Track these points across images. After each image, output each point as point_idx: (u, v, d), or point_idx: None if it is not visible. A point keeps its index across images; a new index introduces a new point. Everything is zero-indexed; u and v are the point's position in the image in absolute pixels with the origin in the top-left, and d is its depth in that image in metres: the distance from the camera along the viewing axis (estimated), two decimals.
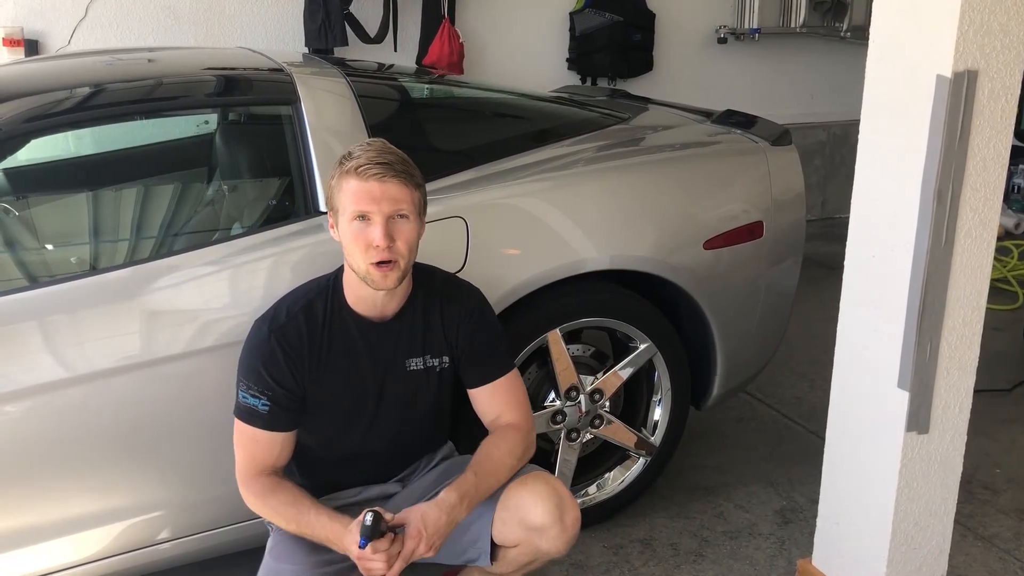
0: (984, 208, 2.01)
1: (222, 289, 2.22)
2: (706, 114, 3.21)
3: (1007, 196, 6.05)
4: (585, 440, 2.68)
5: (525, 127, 2.98)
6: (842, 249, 2.21)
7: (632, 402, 2.81)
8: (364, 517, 1.85)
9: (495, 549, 2.06)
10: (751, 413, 3.53)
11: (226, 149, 2.70)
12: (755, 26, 5.76)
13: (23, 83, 2.66)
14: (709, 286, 2.67)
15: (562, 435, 2.63)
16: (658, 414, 2.77)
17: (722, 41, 5.79)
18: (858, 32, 5.79)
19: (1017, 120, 2.06)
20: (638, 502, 2.84)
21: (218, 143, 2.70)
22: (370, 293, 2.01)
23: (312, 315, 2.03)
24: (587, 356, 2.72)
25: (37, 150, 2.59)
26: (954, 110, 1.90)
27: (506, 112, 3.18)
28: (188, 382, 2.19)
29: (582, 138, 2.79)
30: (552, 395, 2.62)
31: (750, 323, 2.82)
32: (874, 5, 2.05)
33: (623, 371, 2.67)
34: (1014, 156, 2.30)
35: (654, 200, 2.65)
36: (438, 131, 2.88)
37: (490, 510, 2.04)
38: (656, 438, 2.77)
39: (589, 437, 2.68)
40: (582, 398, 2.62)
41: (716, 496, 2.96)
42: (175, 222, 2.44)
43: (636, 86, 5.36)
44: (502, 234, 2.45)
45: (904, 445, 2.13)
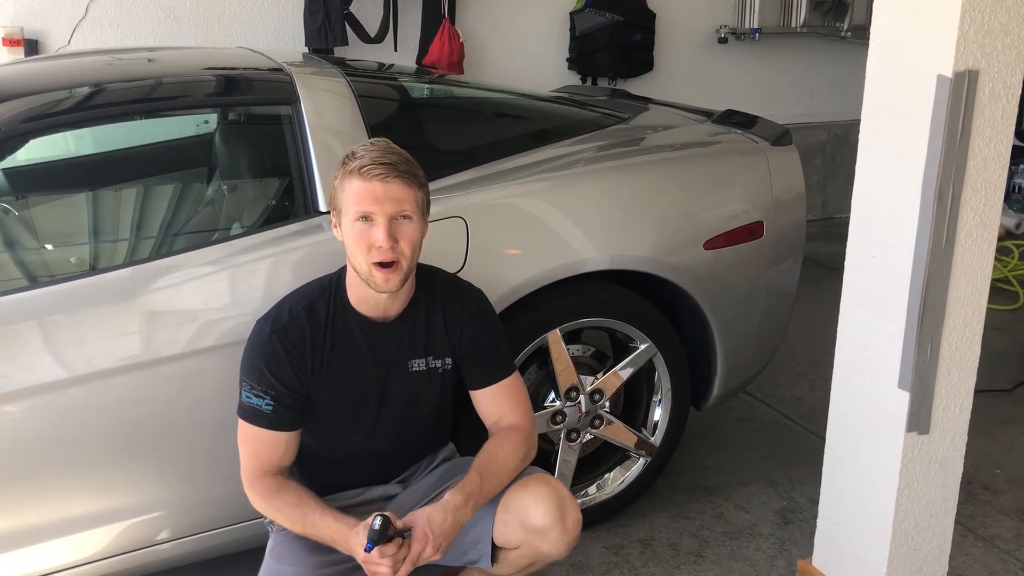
0: (985, 208, 2.01)
1: (222, 289, 2.22)
2: (706, 114, 3.20)
3: (1008, 196, 6.04)
4: (585, 440, 2.68)
5: (525, 127, 2.98)
6: (842, 249, 2.21)
7: (632, 402, 2.81)
8: (372, 521, 1.84)
9: (496, 551, 2.06)
10: (751, 413, 3.53)
11: (226, 149, 2.70)
12: (755, 26, 5.75)
13: (23, 83, 2.66)
14: (709, 286, 2.67)
15: (562, 435, 2.63)
16: (658, 414, 2.77)
17: (722, 41, 5.78)
18: (859, 32, 5.78)
19: (1018, 120, 2.05)
20: (638, 502, 2.84)
21: (218, 143, 2.70)
22: (373, 293, 2.00)
23: (315, 315, 2.03)
24: (587, 356, 2.72)
25: (37, 150, 2.58)
26: (955, 110, 1.90)
27: (506, 112, 3.17)
28: (188, 382, 2.19)
29: (582, 138, 2.79)
30: (552, 395, 2.62)
31: (750, 323, 2.82)
32: (874, 5, 2.04)
33: (623, 371, 2.67)
34: (1015, 156, 2.29)
35: (654, 200, 2.65)
36: (438, 131, 2.88)
37: (491, 512, 2.04)
38: (656, 438, 2.77)
39: (589, 437, 2.68)
40: (582, 398, 2.62)
41: (716, 496, 2.96)
42: (175, 222, 2.44)
43: (636, 86, 5.36)
44: (502, 234, 2.44)
45: (904, 445, 2.12)
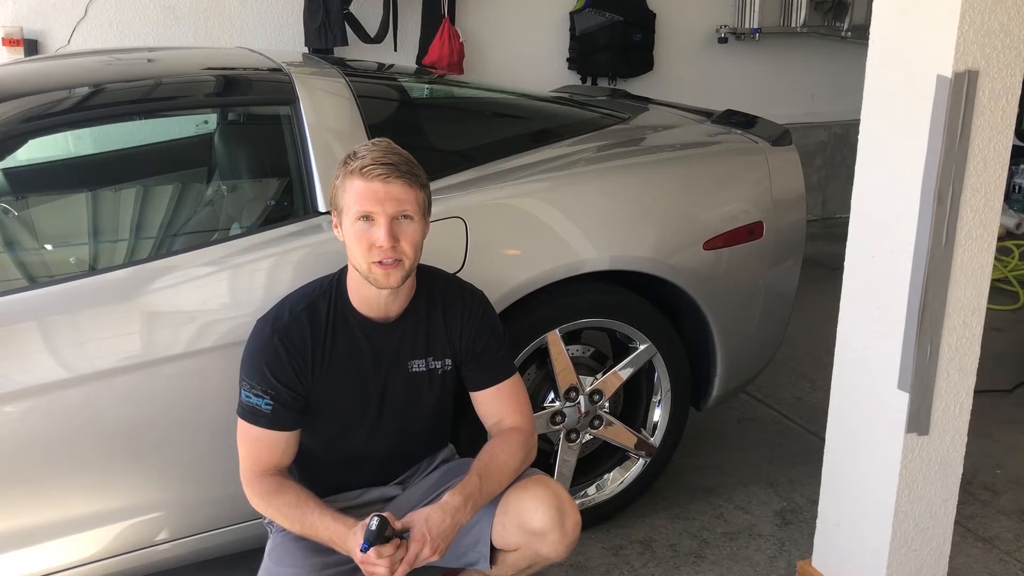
0: (984, 208, 2.01)
1: (221, 289, 2.22)
2: (706, 114, 3.20)
3: (1008, 196, 6.04)
4: (584, 441, 2.67)
5: (525, 127, 2.97)
6: (843, 249, 2.20)
7: (632, 403, 2.81)
8: (369, 521, 1.84)
9: (495, 553, 2.06)
10: (751, 413, 3.53)
11: (225, 149, 2.70)
12: (756, 26, 5.75)
13: (22, 83, 2.65)
14: (709, 286, 2.67)
15: (561, 436, 2.63)
16: (658, 415, 2.77)
17: (723, 41, 5.78)
18: (859, 32, 5.77)
19: (1017, 120, 2.05)
20: (638, 503, 2.84)
21: (217, 143, 2.70)
22: (374, 293, 2.00)
23: (315, 315, 2.02)
24: (587, 357, 2.72)
25: (36, 150, 2.58)
26: (954, 110, 1.90)
27: (506, 112, 3.17)
28: (188, 383, 2.19)
29: (582, 138, 2.79)
30: (551, 396, 2.61)
31: (750, 323, 2.82)
32: (874, 5, 2.04)
33: (623, 372, 2.66)
34: (1015, 156, 2.29)
35: (654, 200, 2.65)
36: (438, 131, 2.88)
37: (490, 513, 2.04)
38: (656, 439, 2.77)
39: (588, 438, 2.68)
40: (581, 399, 2.62)
41: (716, 497, 2.96)
42: (174, 222, 2.44)
43: (637, 86, 5.36)
44: (501, 234, 2.44)
45: (904, 446, 2.12)
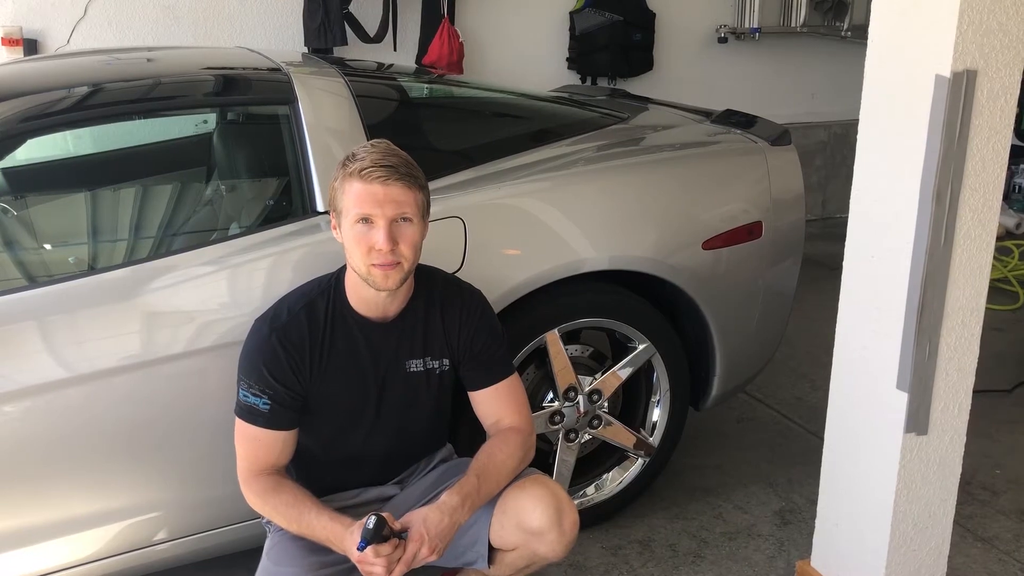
0: (983, 208, 2.01)
1: (220, 289, 2.22)
2: (706, 114, 3.20)
3: (1008, 195, 6.03)
4: (583, 441, 2.67)
5: (524, 127, 2.97)
6: (843, 249, 2.20)
7: (631, 403, 2.80)
8: (367, 520, 1.84)
9: (493, 552, 2.06)
10: (751, 413, 3.53)
11: (224, 149, 2.70)
12: (755, 25, 5.75)
13: (21, 82, 2.65)
14: (708, 286, 2.67)
15: (560, 436, 2.63)
16: (657, 415, 2.77)
17: (722, 41, 5.78)
18: (859, 31, 5.77)
19: (1017, 120, 2.05)
20: (637, 503, 2.83)
21: (216, 143, 2.69)
22: (372, 294, 2.00)
23: (314, 315, 2.02)
24: (586, 356, 2.72)
25: (35, 150, 2.58)
26: (953, 110, 1.89)
27: (505, 112, 3.17)
28: (187, 382, 2.19)
29: (581, 138, 2.79)
30: (550, 395, 2.61)
31: (749, 323, 2.82)
32: (873, 5, 2.04)
33: (622, 371, 2.66)
34: (1014, 155, 2.29)
35: (653, 200, 2.65)
36: (437, 131, 2.88)
37: (488, 513, 2.03)
38: (655, 439, 2.77)
39: (587, 438, 2.68)
40: (580, 398, 2.61)
41: (715, 497, 2.96)
42: (173, 222, 2.44)
43: (636, 86, 5.35)
44: (500, 234, 2.44)
45: (903, 446, 2.12)
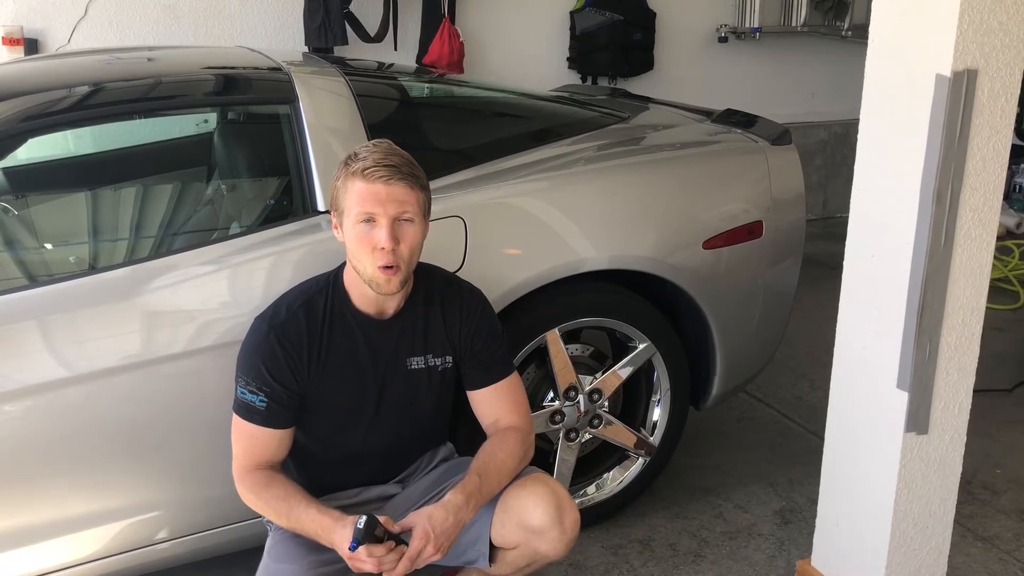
0: (984, 208, 2.01)
1: (221, 288, 2.22)
2: (706, 113, 3.20)
3: (1009, 195, 6.03)
4: (584, 440, 2.67)
5: (525, 126, 2.97)
6: (843, 248, 2.20)
7: (631, 402, 2.80)
8: (358, 520, 1.83)
9: (494, 551, 2.06)
10: (751, 413, 3.53)
11: (225, 148, 2.70)
12: (756, 25, 5.76)
13: (22, 82, 2.65)
14: (708, 286, 2.67)
15: (561, 435, 2.63)
16: (657, 414, 2.77)
17: (723, 40, 5.78)
18: (859, 31, 5.77)
19: (1017, 119, 2.05)
20: (637, 502, 2.83)
21: (217, 142, 2.70)
22: (372, 292, 2.00)
23: (313, 312, 2.03)
24: (586, 356, 2.72)
25: (36, 149, 2.58)
26: (953, 109, 1.89)
27: (506, 111, 3.17)
28: (187, 382, 2.18)
29: (582, 137, 2.79)
30: (551, 395, 2.61)
31: (750, 323, 2.82)
32: (874, 4, 2.04)
33: (622, 371, 2.66)
34: (1014, 155, 2.29)
35: (653, 199, 2.65)
36: (437, 130, 2.88)
37: (489, 512, 2.04)
38: (655, 438, 2.77)
39: (588, 437, 2.68)
40: (581, 398, 2.62)
41: (715, 496, 2.96)
42: (174, 221, 2.44)
43: (637, 85, 5.36)
44: (501, 234, 2.44)
45: (903, 446, 2.12)
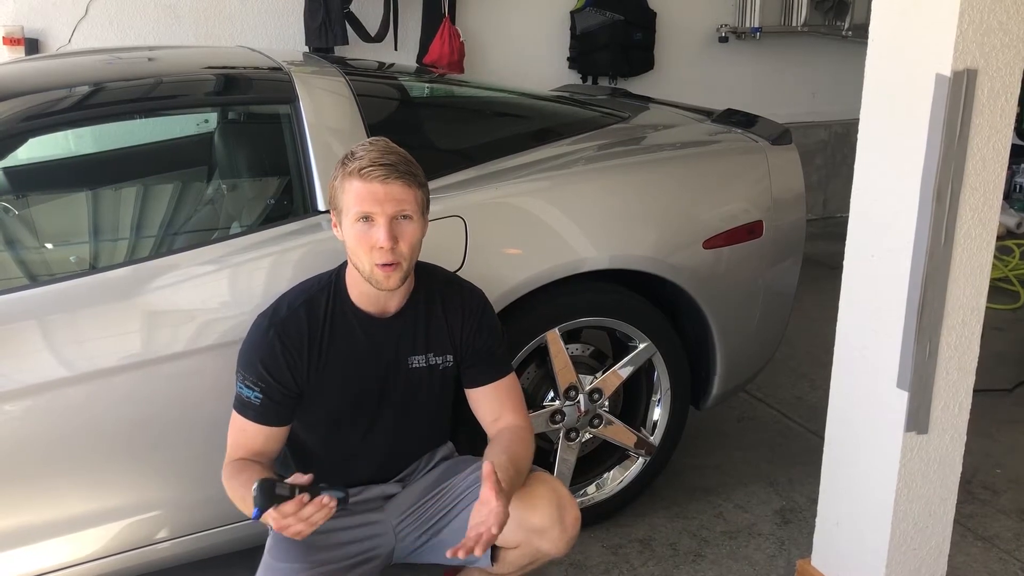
0: (984, 207, 2.01)
1: (221, 288, 2.22)
2: (706, 113, 3.20)
3: (1009, 195, 6.04)
4: (584, 440, 2.67)
5: (525, 126, 2.97)
6: (843, 248, 2.20)
7: (631, 402, 2.81)
8: (254, 489, 1.73)
9: (495, 550, 2.06)
10: (751, 413, 3.53)
11: (225, 148, 2.70)
12: (756, 25, 5.76)
13: (22, 81, 2.65)
14: (709, 285, 2.67)
15: (561, 435, 2.63)
16: (657, 414, 2.77)
17: (723, 40, 5.78)
18: (859, 31, 5.78)
19: (1017, 119, 2.05)
20: (637, 502, 2.84)
21: (217, 142, 2.70)
22: (373, 290, 2.01)
23: (314, 310, 2.03)
24: (586, 356, 2.72)
25: (37, 149, 2.59)
26: (953, 109, 1.90)
27: (506, 111, 3.17)
28: (187, 381, 2.19)
29: (582, 137, 2.79)
30: (551, 395, 2.61)
31: (750, 322, 2.82)
32: (874, 4, 2.04)
33: (622, 370, 2.66)
34: (1014, 155, 2.29)
35: (653, 199, 2.65)
36: (437, 130, 2.88)
37: None
38: (655, 438, 2.77)
39: (588, 437, 2.68)
40: (581, 397, 2.62)
41: (715, 496, 2.96)
42: (174, 221, 2.44)
43: (637, 85, 5.36)
44: (501, 233, 2.44)
45: (903, 445, 2.12)
